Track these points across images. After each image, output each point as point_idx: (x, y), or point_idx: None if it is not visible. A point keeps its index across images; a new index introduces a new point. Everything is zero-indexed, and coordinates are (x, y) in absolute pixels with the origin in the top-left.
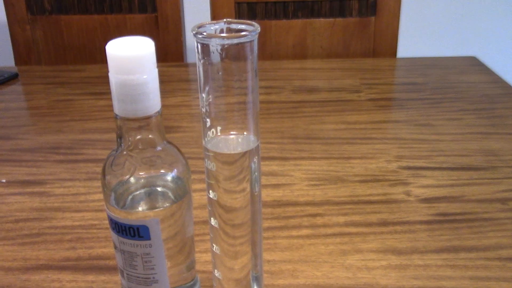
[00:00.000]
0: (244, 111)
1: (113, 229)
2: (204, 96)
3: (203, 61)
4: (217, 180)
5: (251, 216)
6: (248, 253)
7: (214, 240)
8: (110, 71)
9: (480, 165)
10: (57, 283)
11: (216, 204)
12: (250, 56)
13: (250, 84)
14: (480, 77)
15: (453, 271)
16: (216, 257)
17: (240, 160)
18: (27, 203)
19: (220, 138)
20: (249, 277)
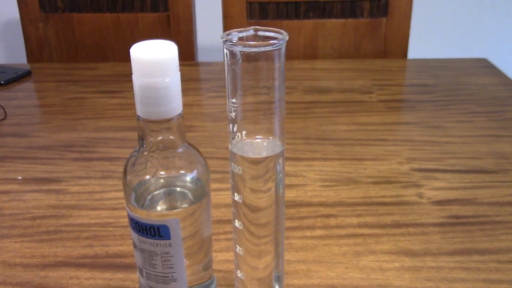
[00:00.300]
0: (270, 117)
1: (134, 228)
2: (232, 101)
3: (231, 68)
4: (244, 180)
5: (275, 216)
6: (272, 252)
7: (238, 242)
8: (134, 74)
9: (491, 168)
10: (75, 280)
11: (241, 205)
12: (277, 64)
13: (276, 91)
14: (490, 79)
15: (466, 274)
16: (239, 258)
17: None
18: (43, 200)
19: (246, 142)
20: (271, 276)
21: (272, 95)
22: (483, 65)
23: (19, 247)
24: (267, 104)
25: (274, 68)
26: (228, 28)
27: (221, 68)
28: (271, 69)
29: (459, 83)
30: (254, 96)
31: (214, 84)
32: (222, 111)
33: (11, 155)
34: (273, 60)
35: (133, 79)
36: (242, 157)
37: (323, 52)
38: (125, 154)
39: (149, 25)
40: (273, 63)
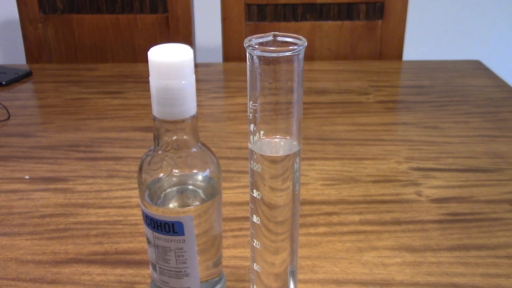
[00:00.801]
0: (288, 118)
1: (148, 225)
2: (251, 103)
3: (251, 71)
4: (262, 177)
5: (292, 213)
6: (288, 248)
7: (255, 236)
8: (151, 75)
9: (487, 167)
10: (87, 276)
11: (260, 202)
12: (296, 68)
13: (295, 93)
14: (484, 81)
15: (465, 268)
16: (256, 252)
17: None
18: (51, 199)
19: (264, 141)
20: (287, 271)
21: (290, 97)
22: (477, 67)
23: (30, 245)
24: (285, 105)
25: (293, 72)
26: (227, 30)
27: (220, 69)
28: (290, 72)
29: (454, 84)
30: (273, 97)
31: (214, 85)
32: (222, 111)
33: (17, 154)
34: (293, 64)
35: (150, 80)
36: (261, 155)
37: (320, 53)
38: (130, 154)
39: (148, 26)
40: (292, 67)
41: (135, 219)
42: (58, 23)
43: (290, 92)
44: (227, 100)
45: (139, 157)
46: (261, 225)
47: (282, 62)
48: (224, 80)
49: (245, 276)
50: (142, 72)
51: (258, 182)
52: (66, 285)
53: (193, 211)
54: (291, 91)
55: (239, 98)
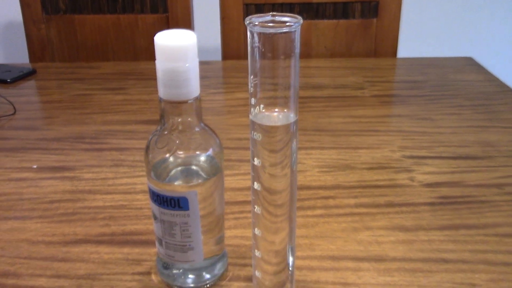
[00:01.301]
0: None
1: (155, 201)
2: (251, 78)
3: (252, 48)
4: (262, 145)
5: (290, 197)
6: (286, 228)
7: (257, 225)
8: (158, 59)
9: (478, 154)
10: (96, 254)
11: (261, 190)
12: (293, 44)
13: (292, 68)
14: (476, 76)
15: (455, 245)
16: (257, 239)
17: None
18: (59, 186)
19: (264, 114)
20: (286, 248)
21: (288, 73)
22: (469, 63)
23: (40, 227)
24: (283, 79)
25: (290, 48)
26: (226, 29)
27: (219, 66)
28: (288, 49)
29: (446, 79)
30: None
31: (214, 81)
32: (223, 105)
33: (25, 146)
34: (290, 41)
35: (157, 64)
36: (260, 125)
37: (316, 51)
38: (134, 145)
39: (148, 26)
40: (289, 44)
41: (140, 203)
42: (60, 24)
43: (287, 68)
44: (226, 95)
45: (143, 147)
46: (262, 212)
47: (280, 39)
48: (223, 76)
49: (245, 253)
50: (143, 70)
51: (259, 151)
52: (76, 263)
53: (197, 186)
54: (288, 67)
55: (238, 93)
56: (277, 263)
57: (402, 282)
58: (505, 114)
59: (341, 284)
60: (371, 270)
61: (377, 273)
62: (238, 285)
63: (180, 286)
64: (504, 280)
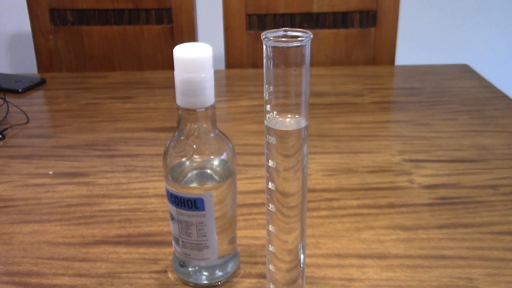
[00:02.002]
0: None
1: (172, 202)
2: (266, 86)
3: (267, 60)
4: (276, 148)
5: (301, 199)
6: (298, 228)
7: (271, 222)
8: (176, 70)
9: (473, 157)
10: (114, 254)
11: (275, 192)
12: (304, 56)
13: (304, 78)
14: (471, 83)
15: (453, 243)
16: (271, 235)
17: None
18: (75, 191)
19: (278, 119)
20: (298, 246)
21: (299, 81)
22: (465, 70)
23: (60, 230)
24: (294, 88)
25: (302, 60)
26: (229, 39)
27: (222, 75)
28: (300, 61)
29: (443, 86)
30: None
31: (218, 90)
32: (227, 113)
33: (39, 153)
34: (301, 53)
35: (175, 74)
36: (274, 129)
37: (317, 60)
38: (145, 151)
39: (154, 37)
40: (301, 56)
41: (153, 206)
42: (68, 35)
43: (299, 77)
44: (231, 103)
45: (154, 154)
46: (276, 211)
47: (292, 52)
48: (227, 85)
49: (256, 252)
50: (150, 79)
51: (273, 152)
52: (96, 263)
53: (212, 189)
54: (300, 76)
55: (242, 101)
56: (290, 261)
57: (404, 278)
58: (499, 119)
59: (347, 279)
60: (375, 266)
61: (380, 269)
62: (250, 282)
63: (195, 283)
64: (499, 274)
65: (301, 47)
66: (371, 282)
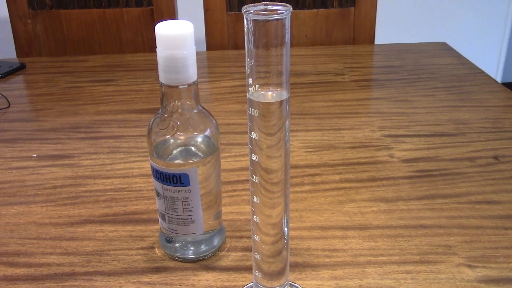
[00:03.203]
0: (279, 72)
1: (158, 179)
2: (248, 60)
3: (248, 34)
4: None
5: (285, 175)
6: (282, 203)
7: (254, 192)
8: (158, 47)
9: (451, 132)
10: (101, 233)
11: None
12: (285, 29)
13: (284, 51)
14: (449, 60)
15: (432, 213)
16: (255, 206)
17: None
18: (60, 173)
19: (260, 92)
20: (282, 220)
21: (280, 55)
22: (443, 48)
23: (46, 210)
24: (276, 61)
25: (282, 34)
26: (209, 21)
27: (204, 57)
28: (280, 35)
29: (422, 63)
30: (266, 54)
31: (199, 71)
32: (210, 94)
33: (22, 137)
34: (281, 27)
35: (157, 51)
36: (256, 102)
37: (297, 40)
38: (128, 132)
39: (134, 19)
40: (280, 30)
41: (138, 186)
42: (46, 19)
43: (280, 50)
44: (213, 84)
45: (137, 135)
46: (260, 185)
47: (272, 25)
48: (208, 66)
49: (241, 227)
50: (131, 62)
51: (255, 125)
52: (83, 241)
53: (197, 163)
54: (280, 49)
55: (224, 82)
56: (274, 234)
57: (385, 247)
58: (476, 94)
59: (330, 250)
60: (357, 237)
61: (362, 240)
62: (236, 255)
63: (181, 257)
64: (476, 241)
65: (281, 20)
66: (353, 252)
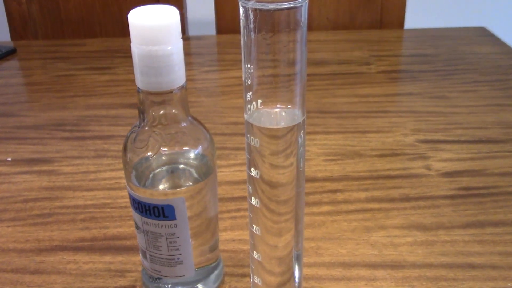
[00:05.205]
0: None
1: (136, 209)
2: (247, 66)
3: (247, 28)
4: (263, 155)
5: (296, 191)
6: (292, 230)
7: (255, 221)
8: (133, 41)
9: (499, 137)
10: (74, 264)
11: (259, 181)
12: (299, 23)
13: (298, 54)
14: (491, 48)
15: (481, 247)
16: (255, 238)
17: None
18: (35, 182)
19: (263, 111)
20: (291, 255)
21: (292, 59)
22: (483, 34)
23: (12, 232)
24: (286, 69)
25: (296, 29)
26: (220, 1)
27: (213, 41)
28: (292, 30)
29: (459, 52)
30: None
31: (207, 58)
32: (217, 85)
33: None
34: (295, 19)
35: (132, 47)
36: (259, 128)
37: (318, 23)
38: (119, 132)
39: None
40: (294, 23)
41: (124, 201)
42: None
43: (292, 52)
44: (221, 74)
45: None
46: (262, 207)
47: (282, 16)
48: (217, 53)
49: (244, 260)
50: None
51: (257, 160)
52: (51, 275)
53: (185, 192)
54: (293, 51)
55: (234, 71)
56: (281, 273)
57: None
58: None
59: None
60: (388, 279)
61: (394, 283)
62: None
63: None
64: None
65: (295, 10)
66: None
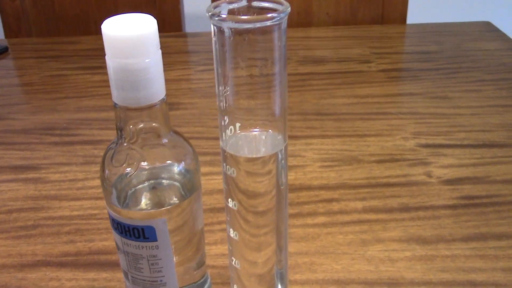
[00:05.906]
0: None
1: (116, 229)
2: (221, 88)
3: (219, 48)
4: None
5: (277, 202)
6: (273, 244)
7: (232, 224)
8: (107, 54)
9: (504, 141)
10: (56, 281)
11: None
12: (277, 42)
13: (277, 75)
14: (496, 44)
15: (484, 262)
16: (233, 244)
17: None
18: (20, 191)
19: (240, 135)
20: (273, 272)
21: (271, 79)
22: (487, 29)
23: None
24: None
25: (273, 48)
26: None
27: (210, 38)
28: (269, 49)
29: (463, 49)
30: (250, 81)
31: (203, 56)
32: (212, 85)
33: None
34: (272, 37)
35: (107, 60)
36: (235, 156)
37: (317, 19)
38: (109, 136)
39: None
40: (271, 42)
41: None
42: None
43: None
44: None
45: None
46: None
47: (258, 35)
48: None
49: None
50: None
51: (232, 190)
52: None
53: (166, 213)
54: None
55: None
56: None
57: None
58: None
59: None
60: None
61: None
62: None
63: None
64: None
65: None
66: None
